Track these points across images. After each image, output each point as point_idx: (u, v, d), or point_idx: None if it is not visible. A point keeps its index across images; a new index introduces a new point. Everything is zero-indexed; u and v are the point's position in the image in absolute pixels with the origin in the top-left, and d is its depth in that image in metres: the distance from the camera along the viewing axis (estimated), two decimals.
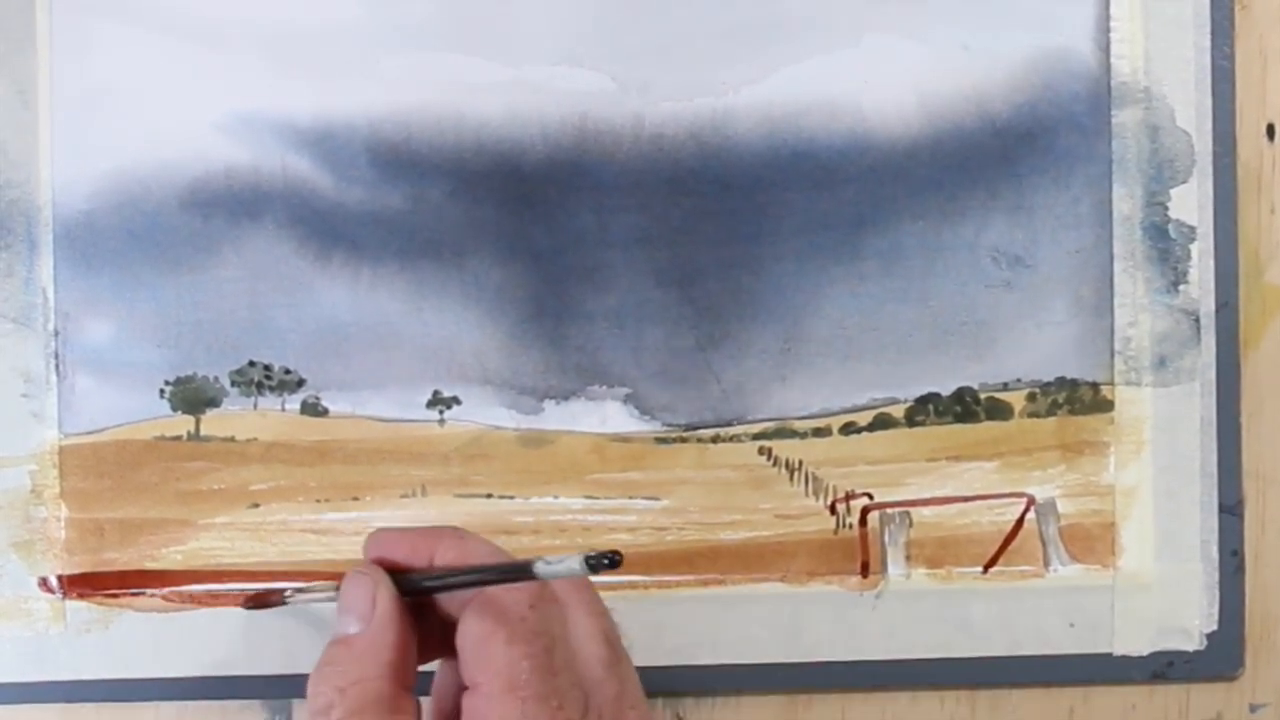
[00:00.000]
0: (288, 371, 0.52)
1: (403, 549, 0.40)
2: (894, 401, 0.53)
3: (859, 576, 0.53)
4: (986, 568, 0.53)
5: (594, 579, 0.38)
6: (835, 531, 0.53)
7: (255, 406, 0.53)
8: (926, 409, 0.53)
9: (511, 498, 0.53)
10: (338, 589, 0.40)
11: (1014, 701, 0.54)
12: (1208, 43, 0.53)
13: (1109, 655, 0.53)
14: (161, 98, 0.52)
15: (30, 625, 0.52)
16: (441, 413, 0.53)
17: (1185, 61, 0.53)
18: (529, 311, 0.53)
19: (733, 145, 0.52)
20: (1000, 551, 0.53)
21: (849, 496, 0.53)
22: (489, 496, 0.53)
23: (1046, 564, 0.54)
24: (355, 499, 0.53)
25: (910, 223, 0.53)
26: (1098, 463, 0.54)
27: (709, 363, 0.53)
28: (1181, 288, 0.53)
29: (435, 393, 0.53)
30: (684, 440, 0.53)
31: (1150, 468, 0.53)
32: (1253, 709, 0.55)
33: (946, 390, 0.53)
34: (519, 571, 0.37)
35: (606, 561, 0.35)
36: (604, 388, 0.53)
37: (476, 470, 0.53)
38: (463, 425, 0.53)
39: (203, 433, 0.53)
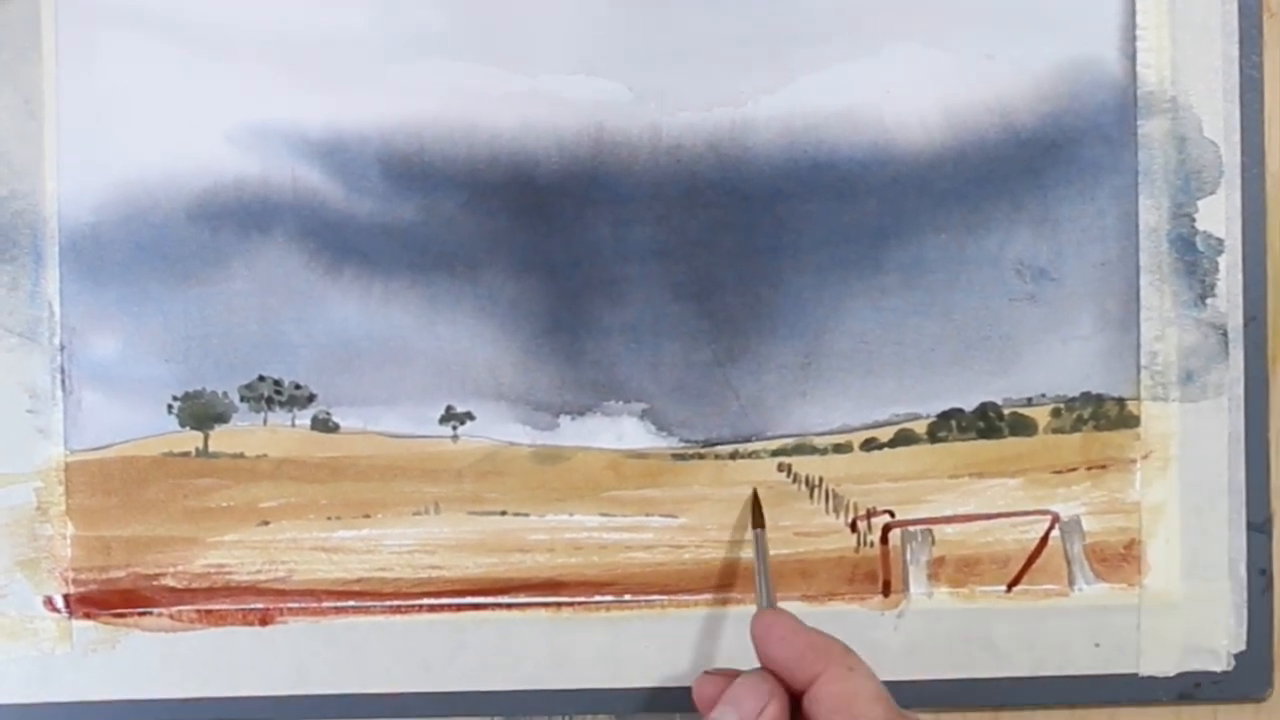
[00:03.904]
0: (298, 387, 0.52)
1: (789, 655, 0.41)
2: (916, 417, 0.52)
3: (880, 596, 0.52)
4: (1010, 587, 0.53)
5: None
6: (856, 550, 0.52)
7: (265, 422, 0.52)
8: (949, 425, 0.52)
9: (526, 515, 0.52)
10: None
11: None
12: (1236, 52, 0.52)
13: (1135, 676, 0.53)
14: (169, 107, 0.51)
15: (36, 645, 0.51)
16: (455, 428, 0.52)
17: (1213, 71, 0.52)
18: (544, 325, 0.52)
19: (752, 156, 0.51)
20: (1024, 570, 0.53)
21: (870, 514, 0.52)
22: (503, 514, 0.52)
23: (1071, 583, 0.53)
24: (367, 516, 0.52)
25: (933, 235, 0.52)
26: (1123, 479, 0.53)
27: (727, 378, 0.52)
28: (1209, 301, 0.52)
29: (448, 408, 0.52)
30: (702, 456, 0.52)
31: (1177, 485, 0.52)
32: None
33: (969, 406, 0.52)
34: None
35: None
36: (620, 403, 0.52)
37: (490, 487, 0.52)
38: (476, 441, 0.52)
39: (211, 449, 0.52)
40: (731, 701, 0.41)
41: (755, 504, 0.51)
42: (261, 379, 0.52)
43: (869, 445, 0.52)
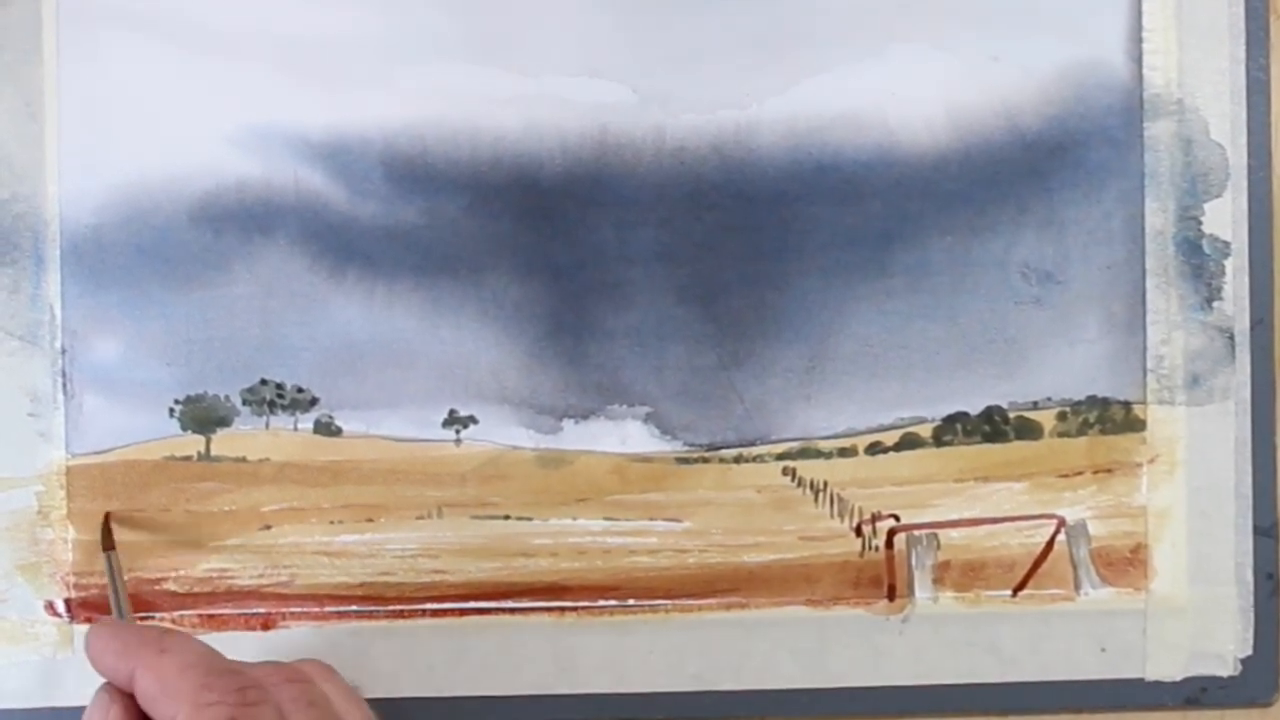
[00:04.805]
0: (300, 390, 0.51)
1: (110, 660, 0.42)
2: (921, 421, 0.52)
3: (885, 600, 0.52)
4: (1016, 591, 0.52)
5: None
6: (861, 554, 0.52)
7: (267, 426, 0.51)
8: (954, 428, 0.52)
9: (529, 519, 0.52)
10: None
11: None
12: (1243, 54, 0.52)
13: (1141, 681, 0.52)
14: (171, 109, 0.51)
15: (37, 650, 0.51)
16: (458, 432, 0.52)
17: (1220, 73, 0.52)
18: (547, 329, 0.51)
19: (756, 158, 0.51)
20: (1030, 574, 0.52)
21: (875, 518, 0.52)
22: (506, 518, 0.52)
23: (1077, 587, 0.52)
24: (370, 521, 0.52)
25: (938, 238, 0.52)
26: (1130, 483, 0.52)
27: (732, 381, 0.52)
28: (1215, 304, 0.52)
29: (451, 412, 0.51)
30: (706, 460, 0.52)
31: (1183, 489, 0.52)
32: None
33: (975, 409, 0.52)
34: None
35: None
36: (624, 407, 0.52)
37: (494, 491, 0.52)
38: (480, 445, 0.52)
39: (213, 453, 0.51)
40: None
41: (105, 527, 0.50)
42: (264, 382, 0.51)
43: (874, 449, 0.52)
